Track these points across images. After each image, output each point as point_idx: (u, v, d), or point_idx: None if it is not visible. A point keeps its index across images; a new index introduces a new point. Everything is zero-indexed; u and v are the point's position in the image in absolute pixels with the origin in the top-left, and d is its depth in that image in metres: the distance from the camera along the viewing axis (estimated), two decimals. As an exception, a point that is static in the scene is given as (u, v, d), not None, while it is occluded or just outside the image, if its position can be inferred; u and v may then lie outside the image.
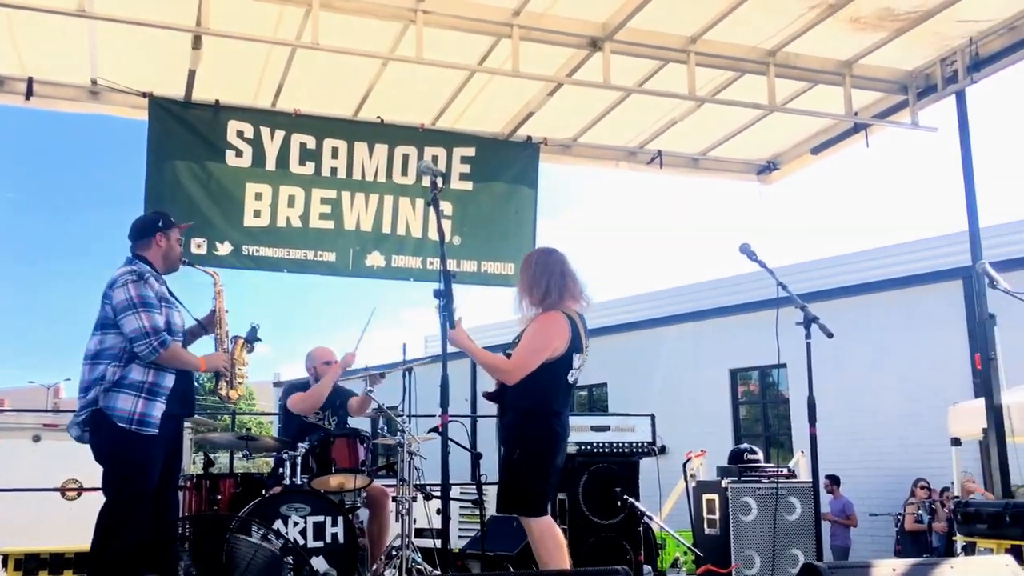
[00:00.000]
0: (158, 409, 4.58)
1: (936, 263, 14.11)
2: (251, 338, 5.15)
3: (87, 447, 4.64)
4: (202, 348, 5.14)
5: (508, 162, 7.83)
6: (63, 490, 8.61)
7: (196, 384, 5.25)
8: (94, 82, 6.72)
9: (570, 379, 4.74)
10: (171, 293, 4.88)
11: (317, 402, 6.31)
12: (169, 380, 4.65)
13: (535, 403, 4.67)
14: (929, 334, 13.93)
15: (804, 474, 8.74)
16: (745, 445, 7.44)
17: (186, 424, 5.45)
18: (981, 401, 6.86)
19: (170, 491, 4.84)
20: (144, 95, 6.72)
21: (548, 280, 4.72)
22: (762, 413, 17.53)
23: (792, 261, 15.97)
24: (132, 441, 4.48)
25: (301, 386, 6.50)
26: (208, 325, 5.10)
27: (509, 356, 4.73)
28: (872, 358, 14.45)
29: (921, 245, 15.21)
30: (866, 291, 14.93)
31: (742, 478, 6.68)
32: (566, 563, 4.58)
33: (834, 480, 13.04)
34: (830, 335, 5.11)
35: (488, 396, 4.92)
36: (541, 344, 4.62)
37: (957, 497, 9.04)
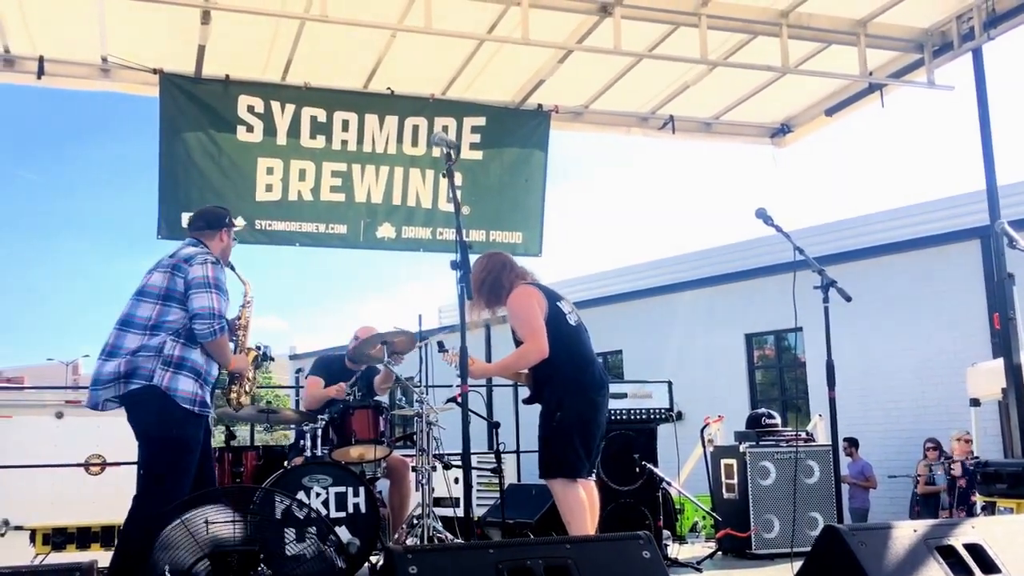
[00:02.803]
0: (209, 395, 4.68)
1: (954, 223, 13.95)
2: (264, 356, 5.18)
3: (110, 422, 4.66)
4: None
5: (518, 131, 7.80)
6: (87, 465, 8.72)
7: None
8: (104, 59, 6.72)
9: (572, 322, 4.93)
10: None
11: (310, 405, 6.37)
12: (215, 369, 4.74)
13: (565, 366, 4.77)
14: (947, 295, 13.82)
15: (822, 437, 8.75)
16: (763, 410, 7.42)
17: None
18: (1000, 361, 6.83)
19: (209, 463, 4.89)
20: (155, 71, 6.73)
21: (499, 275, 5.02)
22: (778, 377, 17.49)
23: (807, 224, 15.81)
24: (191, 423, 4.53)
25: (327, 363, 6.58)
26: (231, 330, 5.09)
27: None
28: (889, 320, 14.37)
29: (938, 205, 15.04)
30: (883, 253, 14.80)
31: (760, 443, 6.69)
32: (586, 527, 4.62)
33: (852, 443, 13.01)
34: (848, 299, 5.09)
35: (528, 400, 5.05)
36: (529, 312, 4.81)
37: (977, 458, 9.03)
